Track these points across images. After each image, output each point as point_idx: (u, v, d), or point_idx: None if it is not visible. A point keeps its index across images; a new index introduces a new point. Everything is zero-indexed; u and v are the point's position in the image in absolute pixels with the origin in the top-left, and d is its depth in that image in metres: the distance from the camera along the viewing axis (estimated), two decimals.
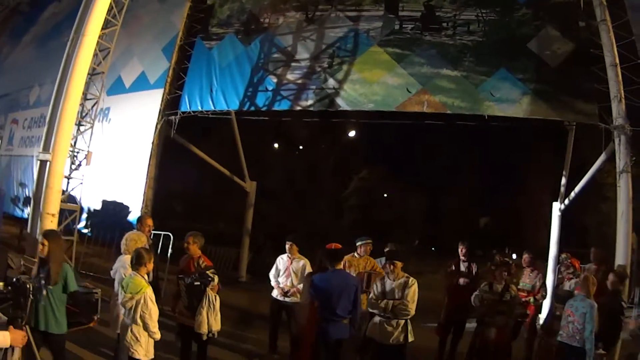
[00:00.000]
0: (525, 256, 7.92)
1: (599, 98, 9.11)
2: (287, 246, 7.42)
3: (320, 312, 5.47)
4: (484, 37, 9.69)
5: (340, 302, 5.41)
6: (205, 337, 5.96)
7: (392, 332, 5.62)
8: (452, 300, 7.78)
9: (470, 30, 9.78)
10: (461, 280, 7.74)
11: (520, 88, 9.28)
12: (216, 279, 5.97)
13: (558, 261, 8.40)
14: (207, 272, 5.92)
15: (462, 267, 7.99)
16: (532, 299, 7.71)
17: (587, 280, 6.09)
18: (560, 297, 6.75)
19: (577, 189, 9.84)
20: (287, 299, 7.28)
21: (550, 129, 9.93)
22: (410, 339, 5.68)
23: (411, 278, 5.74)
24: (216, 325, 6.00)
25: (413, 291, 5.65)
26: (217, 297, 5.98)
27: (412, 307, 5.61)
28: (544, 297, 7.79)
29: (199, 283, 5.85)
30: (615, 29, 9.41)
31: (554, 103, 9.20)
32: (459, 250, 8.03)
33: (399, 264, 5.76)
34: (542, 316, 9.04)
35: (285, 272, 7.38)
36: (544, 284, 7.83)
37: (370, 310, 5.86)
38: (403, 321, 5.63)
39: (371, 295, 5.87)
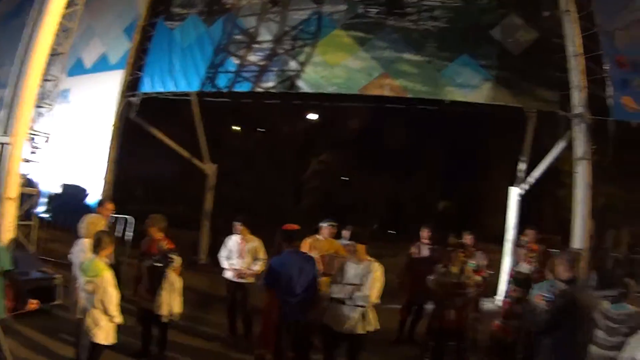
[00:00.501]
0: (468, 237, 7.86)
1: (560, 86, 9.23)
2: (236, 227, 7.35)
3: (279, 293, 5.34)
4: (447, 23, 9.67)
5: (298, 283, 5.24)
6: (166, 319, 5.89)
7: (347, 320, 5.26)
8: (415, 283, 7.76)
9: (434, 16, 9.74)
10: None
11: (481, 74, 9.31)
12: (178, 260, 5.90)
13: (517, 244, 8.36)
14: (169, 254, 5.85)
15: (424, 250, 8.04)
16: (479, 278, 7.74)
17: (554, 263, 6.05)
18: (519, 280, 6.70)
19: (535, 174, 9.91)
20: (242, 280, 7.21)
21: (511, 115, 9.99)
22: (370, 328, 5.32)
23: (375, 263, 5.38)
24: (177, 308, 5.95)
25: (376, 277, 5.28)
26: (179, 279, 5.92)
27: (374, 294, 5.24)
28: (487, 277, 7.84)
29: (160, 264, 5.79)
30: (579, 19, 9.45)
31: (515, 90, 9.29)
32: (422, 233, 8.06)
33: (362, 247, 5.42)
34: (499, 298, 9.07)
35: (239, 254, 7.30)
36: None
37: (330, 296, 5.48)
38: (362, 309, 5.25)
39: (331, 279, 5.55)
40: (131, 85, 11.58)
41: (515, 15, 9.66)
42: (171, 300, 5.88)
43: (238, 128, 19.15)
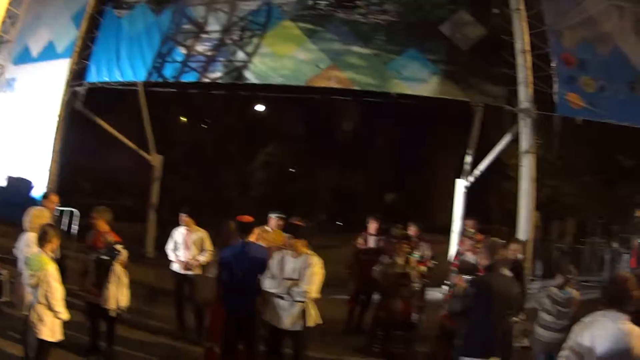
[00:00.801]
0: (413, 228, 7.85)
1: (507, 82, 9.37)
2: (182, 218, 7.24)
3: (229, 285, 5.20)
4: (397, 17, 9.69)
5: (250, 274, 5.10)
6: (113, 314, 5.77)
7: (287, 316, 4.97)
8: (362, 274, 7.82)
9: (384, 10, 9.73)
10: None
11: (429, 68, 9.36)
12: (124, 253, 5.78)
13: (463, 234, 8.40)
14: (115, 246, 5.74)
15: (371, 241, 8.07)
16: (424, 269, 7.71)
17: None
18: (465, 270, 6.62)
19: (481, 166, 9.99)
20: (188, 272, 7.11)
21: (459, 109, 10.09)
22: (311, 323, 5.04)
23: (314, 256, 5.10)
24: (124, 301, 5.83)
25: (313, 271, 4.94)
26: (125, 272, 5.82)
27: (312, 289, 4.91)
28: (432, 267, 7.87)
29: (107, 258, 5.69)
30: (528, 18, 9.59)
31: (462, 84, 9.40)
32: (369, 225, 8.08)
33: (300, 241, 5.12)
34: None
35: (184, 245, 7.19)
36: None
37: (267, 290, 5.18)
38: (301, 304, 4.95)
39: (268, 273, 5.19)
40: (78, 75, 11.24)
41: (465, 12, 9.76)
42: (118, 294, 5.76)
43: (185, 119, 18.82)
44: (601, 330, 3.27)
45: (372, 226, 8.17)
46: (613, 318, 3.27)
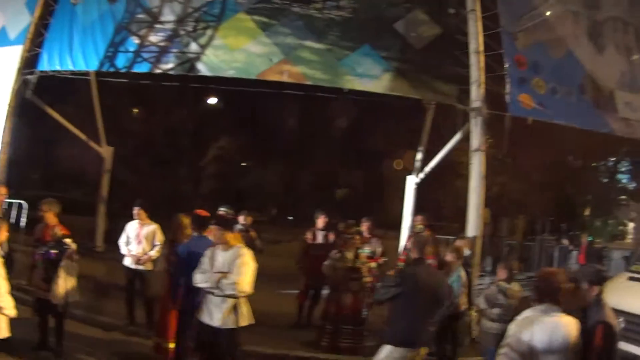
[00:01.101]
0: (365, 223, 7.91)
1: (459, 81, 9.49)
2: (135, 212, 7.28)
3: (184, 280, 5.21)
4: (352, 14, 9.68)
5: None
6: (62, 309, 5.75)
7: (218, 312, 4.89)
8: (311, 269, 7.93)
9: (339, 6, 9.73)
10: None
11: (382, 65, 9.41)
12: (73, 246, 5.78)
13: (412, 230, 8.49)
14: (64, 240, 5.75)
15: (320, 236, 8.22)
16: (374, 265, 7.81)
17: (459, 250, 6.77)
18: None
19: (432, 164, 10.08)
20: (140, 267, 7.16)
21: (411, 106, 10.17)
22: (243, 322, 4.97)
23: (243, 248, 5.08)
24: (73, 296, 5.82)
25: (243, 263, 4.90)
26: (75, 266, 5.80)
27: (242, 281, 4.84)
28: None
29: (56, 251, 5.66)
30: (483, 19, 9.69)
31: (415, 82, 9.48)
32: (317, 220, 8.22)
33: (227, 232, 5.11)
34: None
35: (136, 239, 7.21)
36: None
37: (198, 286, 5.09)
38: (233, 300, 4.91)
39: (199, 268, 5.11)
40: (29, 62, 10.90)
41: (421, 11, 9.83)
42: (67, 289, 5.71)
43: (136, 110, 18.62)
44: (537, 324, 3.39)
45: (321, 221, 8.30)
46: (547, 311, 3.41)
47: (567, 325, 3.38)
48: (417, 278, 4.58)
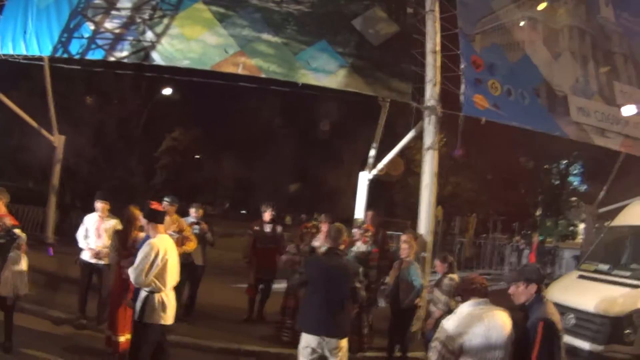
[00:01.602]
0: (322, 218, 7.94)
1: (414, 80, 9.55)
2: (99, 205, 7.07)
3: None
4: (310, 8, 9.69)
5: None
6: (10, 302, 5.62)
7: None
8: (258, 261, 8.02)
9: (297, 0, 9.67)
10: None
11: (338, 60, 9.43)
12: (23, 236, 5.68)
13: (354, 225, 8.52)
14: (13, 230, 5.60)
15: (267, 229, 8.22)
16: None
17: (412, 244, 6.78)
18: (359, 259, 7.06)
19: (384, 160, 10.13)
20: (99, 262, 7.00)
21: (366, 103, 10.21)
22: (149, 319, 4.83)
23: (152, 239, 5.02)
24: (23, 288, 5.71)
25: (141, 251, 4.92)
26: (24, 257, 5.69)
27: (132, 273, 4.89)
28: None
29: (3, 241, 5.53)
30: (441, 20, 9.78)
31: (370, 79, 9.52)
32: (264, 212, 8.24)
33: (155, 225, 5.08)
34: None
35: (96, 232, 7.05)
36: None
37: None
38: (143, 293, 4.94)
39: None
40: None
41: (379, 9, 9.90)
42: (16, 280, 5.59)
43: (89, 98, 18.30)
44: (465, 317, 3.57)
45: (267, 214, 8.25)
46: (478, 305, 3.60)
47: (501, 319, 3.50)
48: (320, 265, 4.80)
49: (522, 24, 10.89)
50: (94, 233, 7.06)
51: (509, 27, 10.83)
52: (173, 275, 5.09)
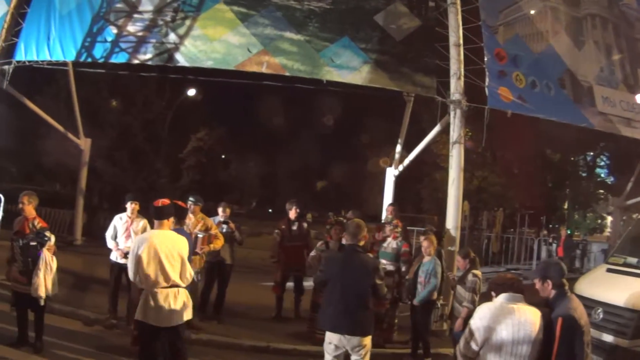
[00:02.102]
0: (350, 214, 7.92)
1: (439, 74, 9.50)
2: (129, 205, 7.13)
3: None
4: (331, 5, 9.67)
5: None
6: (42, 302, 5.65)
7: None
8: (286, 259, 7.99)
9: None
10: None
11: (361, 57, 9.40)
12: (53, 238, 5.73)
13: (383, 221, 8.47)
14: (44, 232, 5.69)
15: (293, 227, 8.18)
16: None
17: (431, 240, 6.71)
18: (389, 255, 7.15)
19: (411, 156, 10.04)
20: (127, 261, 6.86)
21: (391, 98, 10.14)
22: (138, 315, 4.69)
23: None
24: (53, 288, 5.75)
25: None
26: (54, 258, 5.73)
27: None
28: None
29: (35, 243, 5.60)
30: (463, 12, 9.69)
31: (394, 74, 9.48)
32: (289, 210, 8.19)
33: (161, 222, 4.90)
34: None
35: (125, 233, 7.09)
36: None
37: None
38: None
39: None
40: (6, 52, 10.72)
41: (400, 3, 9.83)
42: (47, 281, 5.63)
43: (114, 102, 18.41)
44: (495, 310, 3.49)
45: (293, 212, 8.21)
46: (511, 299, 3.52)
47: (531, 316, 3.44)
48: (339, 263, 4.70)
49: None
50: (123, 233, 7.10)
51: (531, 17, 10.68)
52: (163, 273, 4.62)
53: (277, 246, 8.20)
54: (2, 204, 10.51)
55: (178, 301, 4.71)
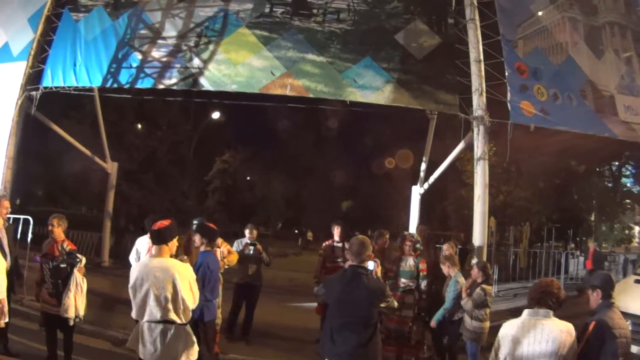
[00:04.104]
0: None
1: (460, 90, 9.52)
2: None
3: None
4: (352, 26, 9.78)
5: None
6: (72, 322, 5.70)
7: None
8: None
9: (340, 19, 9.83)
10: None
11: (383, 76, 9.46)
12: (84, 260, 5.80)
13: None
14: (75, 253, 5.75)
15: (336, 247, 8.01)
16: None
17: (453, 258, 6.72)
18: (408, 273, 7.04)
19: (436, 174, 10.08)
20: None
21: (413, 117, 10.19)
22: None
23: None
24: (83, 309, 5.79)
25: None
26: (84, 279, 5.79)
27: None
28: None
29: (65, 265, 5.65)
30: (482, 28, 9.72)
31: (417, 92, 9.51)
32: (333, 230, 8.06)
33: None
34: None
35: (148, 254, 6.81)
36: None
37: None
38: None
39: None
40: (33, 79, 10.98)
41: (420, 22, 9.89)
42: (77, 301, 5.69)
43: (140, 126, 18.65)
44: (518, 325, 3.53)
45: (337, 232, 8.03)
46: (530, 313, 3.54)
47: (556, 330, 3.44)
48: (338, 286, 4.13)
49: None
50: (146, 255, 7.16)
51: (550, 29, 10.68)
52: (153, 306, 4.08)
53: (320, 266, 8.05)
54: (30, 225, 10.72)
55: (170, 340, 4.06)
